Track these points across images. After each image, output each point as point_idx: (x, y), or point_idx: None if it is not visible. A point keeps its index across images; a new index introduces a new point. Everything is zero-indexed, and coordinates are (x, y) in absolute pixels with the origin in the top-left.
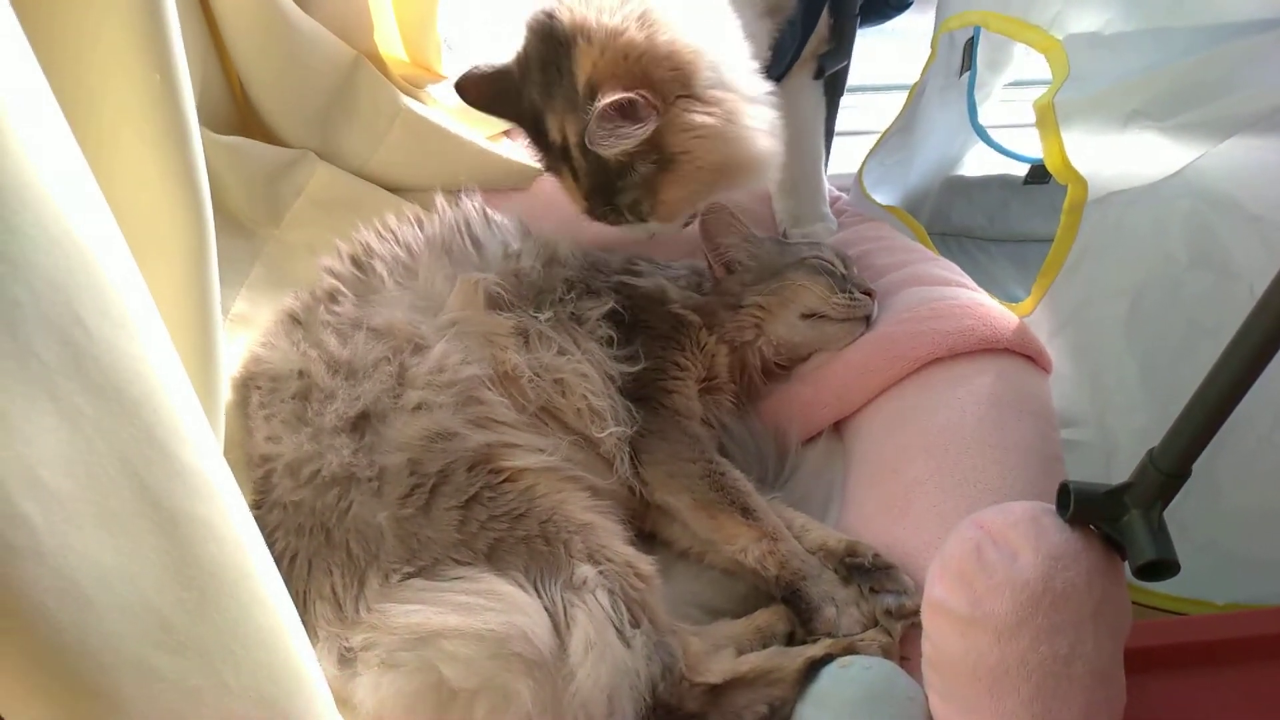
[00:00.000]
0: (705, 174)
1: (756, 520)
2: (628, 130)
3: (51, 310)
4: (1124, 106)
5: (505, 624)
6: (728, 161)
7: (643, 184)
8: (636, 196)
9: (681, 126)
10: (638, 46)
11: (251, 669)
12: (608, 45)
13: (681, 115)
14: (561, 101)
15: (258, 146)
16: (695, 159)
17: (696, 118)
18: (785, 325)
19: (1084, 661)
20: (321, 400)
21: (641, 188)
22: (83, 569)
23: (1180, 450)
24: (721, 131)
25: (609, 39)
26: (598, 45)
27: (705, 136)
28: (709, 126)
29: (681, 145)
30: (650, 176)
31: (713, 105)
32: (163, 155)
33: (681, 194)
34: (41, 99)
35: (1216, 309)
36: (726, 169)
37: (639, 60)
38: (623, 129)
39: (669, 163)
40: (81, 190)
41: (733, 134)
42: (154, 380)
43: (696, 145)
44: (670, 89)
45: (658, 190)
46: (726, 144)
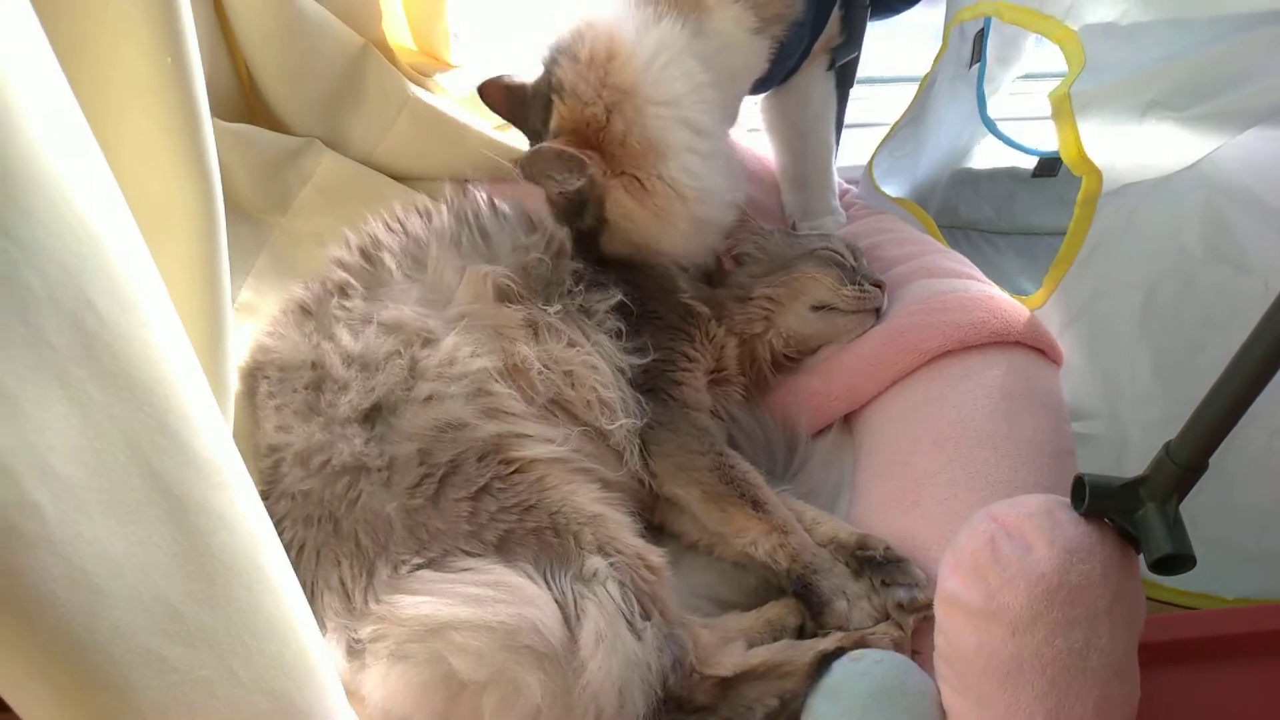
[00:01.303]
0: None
1: (767, 513)
2: (563, 177)
3: (63, 295)
4: (1142, 97)
5: (515, 616)
6: (648, 243)
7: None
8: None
9: (614, 200)
10: (597, 123)
11: (262, 660)
12: (575, 110)
13: (616, 191)
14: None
15: (264, 134)
16: (620, 230)
17: (626, 199)
18: (795, 317)
19: (1099, 655)
20: (335, 391)
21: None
22: (93, 558)
23: (1197, 444)
24: (643, 220)
25: (578, 105)
26: (568, 105)
27: (628, 220)
28: (633, 212)
29: (611, 215)
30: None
31: (647, 197)
32: (174, 139)
33: (619, 250)
34: (54, 82)
35: (1230, 303)
36: (648, 248)
37: (599, 131)
38: (558, 174)
39: (603, 222)
40: (93, 174)
41: (654, 229)
42: (165, 367)
43: (620, 222)
44: (620, 163)
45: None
46: (644, 230)
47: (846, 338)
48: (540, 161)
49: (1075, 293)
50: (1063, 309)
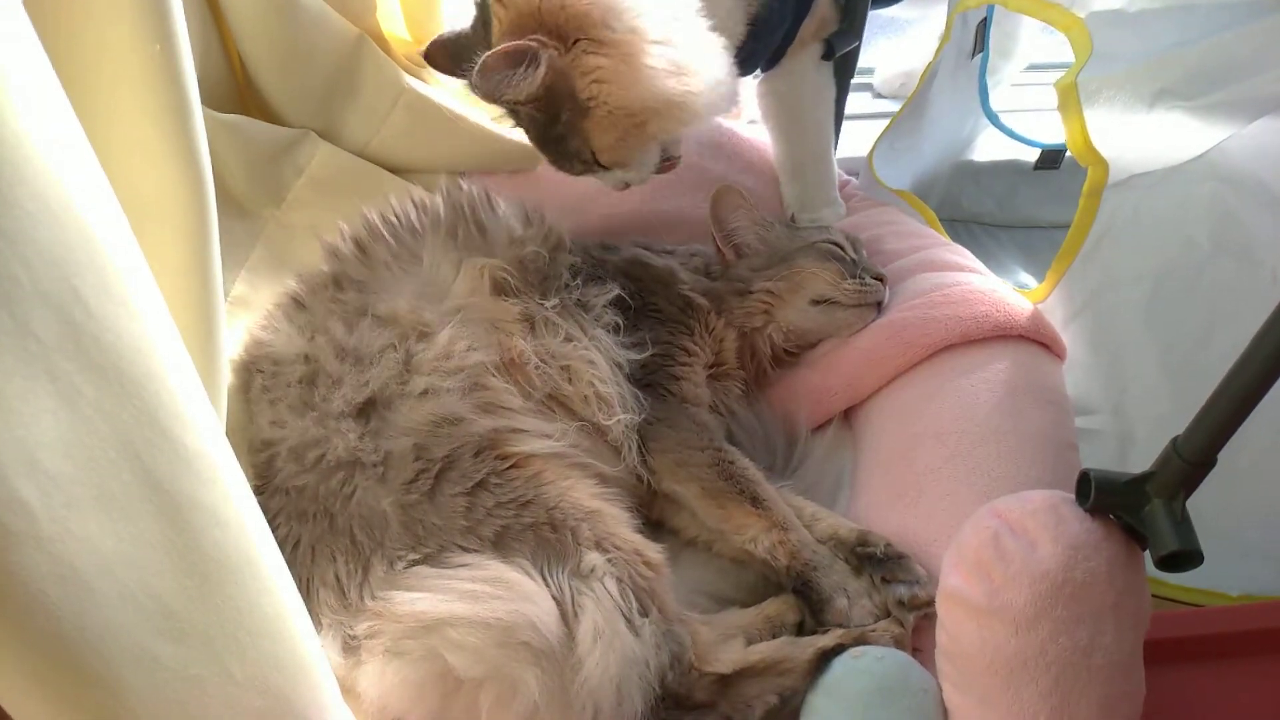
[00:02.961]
0: (620, 118)
1: (766, 510)
2: (521, 77)
3: (50, 287)
4: (1150, 86)
5: (512, 612)
6: (635, 104)
7: (573, 131)
8: (575, 145)
9: (581, 70)
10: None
11: (256, 657)
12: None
13: (580, 58)
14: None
15: (258, 126)
16: (603, 103)
17: (591, 60)
18: (795, 311)
19: (1104, 653)
20: (329, 385)
21: (574, 135)
22: (83, 555)
23: (1205, 439)
24: (617, 73)
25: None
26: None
27: (603, 80)
28: (604, 69)
29: (587, 91)
30: (575, 122)
31: (609, 47)
32: (163, 129)
33: (609, 139)
34: (41, 73)
35: (1238, 295)
36: (639, 112)
37: (536, 12)
38: (514, 76)
39: (584, 110)
40: (81, 164)
41: (629, 77)
42: (155, 360)
43: (598, 90)
44: (567, 32)
45: (589, 136)
46: (625, 87)
47: (847, 332)
48: (491, 72)
49: (1080, 286)
50: (1066, 302)
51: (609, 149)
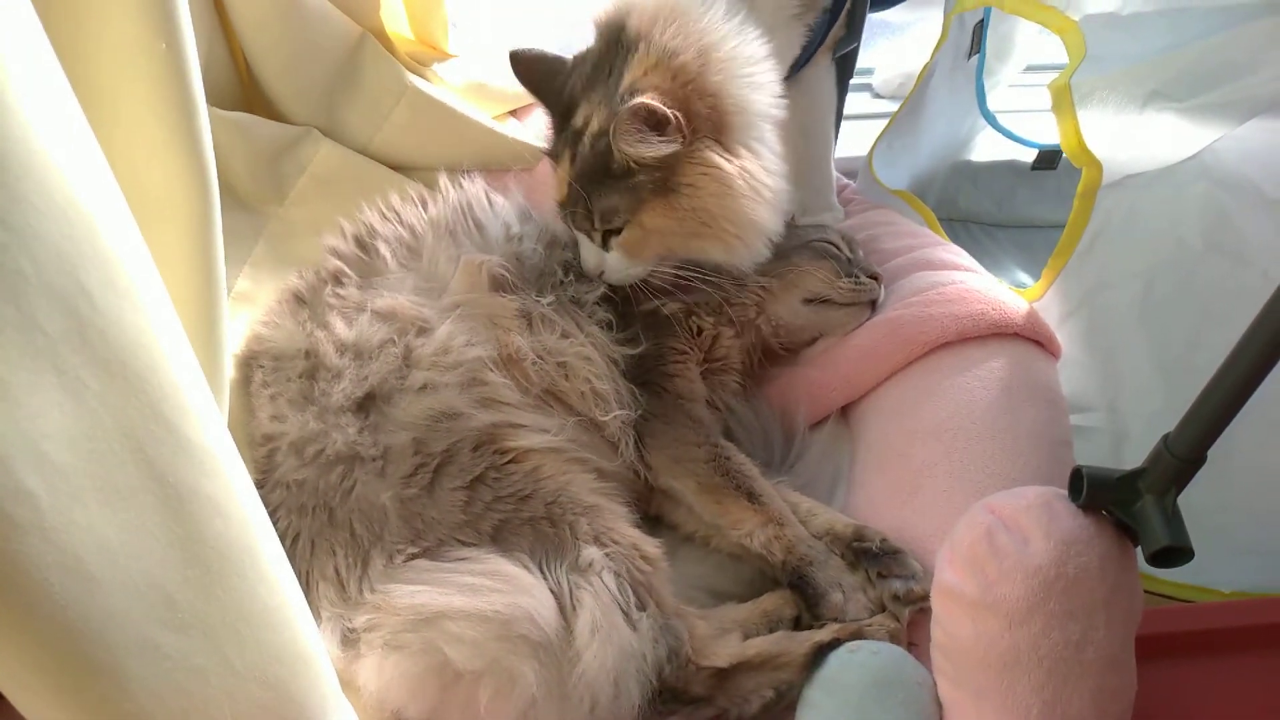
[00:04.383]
0: (695, 218)
1: (762, 505)
2: (646, 136)
3: (56, 281)
4: (1143, 87)
5: (510, 606)
6: (724, 215)
7: (631, 196)
8: (617, 205)
9: (699, 160)
10: (689, 73)
11: (257, 648)
12: (662, 61)
13: (703, 151)
14: (599, 94)
15: (261, 123)
16: (695, 197)
17: (714, 157)
18: (787, 309)
19: (1096, 648)
20: (329, 380)
21: (628, 198)
22: (87, 545)
23: (1196, 436)
24: (732, 182)
25: (666, 56)
26: (654, 57)
27: (716, 180)
28: (724, 172)
29: (690, 178)
30: (643, 191)
31: (733, 157)
32: (169, 126)
33: (660, 225)
34: (47, 67)
35: (1230, 294)
36: (717, 224)
37: (685, 86)
38: (643, 133)
39: (669, 190)
40: (86, 159)
41: (741, 189)
42: (159, 354)
43: (704, 184)
44: (703, 126)
45: (641, 210)
46: (731, 196)
47: (842, 331)
48: (636, 117)
49: (1074, 285)
50: (1062, 301)
51: (649, 230)
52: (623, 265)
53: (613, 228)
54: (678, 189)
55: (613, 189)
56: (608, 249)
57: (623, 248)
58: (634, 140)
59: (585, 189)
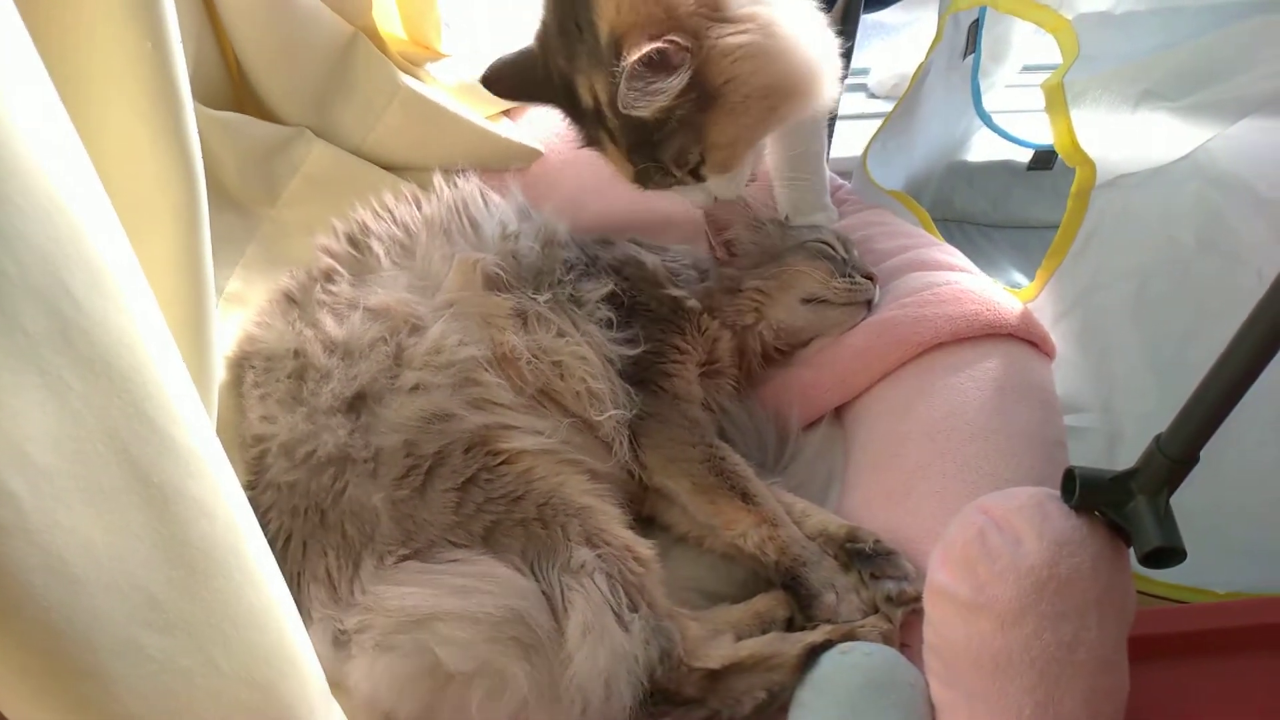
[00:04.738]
0: (755, 101)
1: (756, 505)
2: (660, 84)
3: (39, 281)
4: (1135, 86)
5: (502, 607)
6: (777, 80)
7: (686, 128)
8: (682, 144)
9: (719, 53)
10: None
11: (243, 650)
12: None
13: (715, 44)
14: (586, 59)
15: (253, 123)
16: (741, 85)
17: (732, 40)
18: (785, 310)
19: (1088, 649)
20: (317, 380)
21: (686, 133)
22: (71, 547)
23: (1188, 436)
24: (762, 47)
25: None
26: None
27: (746, 57)
28: (747, 45)
29: (723, 74)
30: (692, 118)
31: (746, 22)
32: (155, 126)
33: (733, 130)
34: (30, 67)
35: (1224, 294)
36: (777, 90)
37: (660, 9)
38: (655, 84)
39: (713, 97)
40: (71, 160)
41: (775, 47)
42: (144, 354)
43: (738, 69)
44: (700, 22)
45: (705, 131)
46: (770, 60)
47: (838, 330)
48: (637, 80)
49: (1068, 285)
50: (1056, 302)
51: (726, 144)
52: (727, 181)
53: (694, 164)
54: (721, 92)
55: (666, 136)
56: (704, 180)
57: (715, 170)
58: (646, 99)
59: (645, 155)
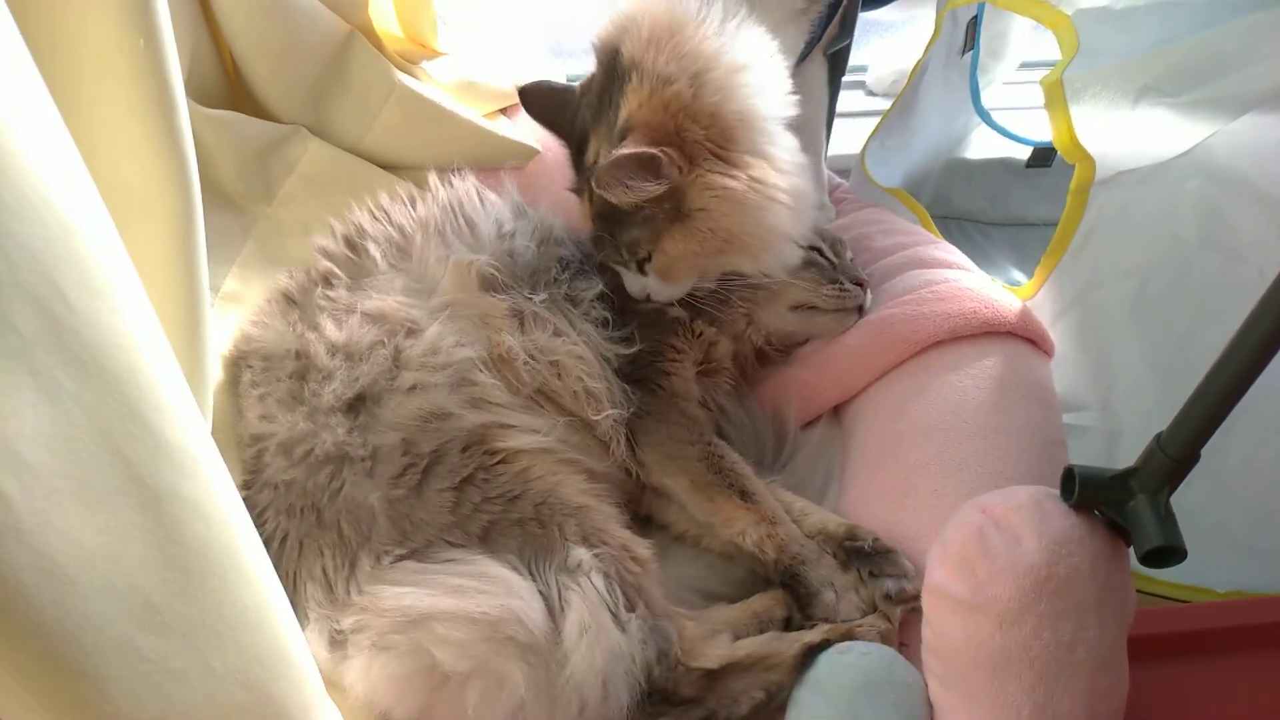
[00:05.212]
0: (713, 238)
1: (755, 503)
2: (639, 185)
3: (30, 281)
4: (1135, 82)
5: (498, 607)
6: (740, 233)
7: (648, 225)
8: (638, 237)
9: (704, 185)
10: (680, 101)
11: (237, 651)
12: (655, 91)
13: (706, 175)
14: (604, 129)
15: (249, 122)
16: (710, 219)
17: (720, 179)
18: (775, 316)
19: (1087, 648)
20: (319, 380)
21: (646, 229)
22: (63, 547)
23: (1189, 435)
24: (744, 198)
25: (659, 85)
26: (647, 88)
27: (725, 199)
28: (731, 190)
29: (700, 202)
30: (657, 221)
31: (740, 170)
32: (147, 124)
33: (683, 251)
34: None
35: (1224, 291)
36: (735, 240)
37: (677, 115)
38: (634, 182)
39: (683, 216)
40: (62, 159)
41: (753, 201)
42: (137, 354)
43: (715, 205)
44: (700, 151)
45: (661, 239)
46: (744, 213)
47: (829, 335)
48: (618, 171)
49: (1068, 283)
50: (1055, 299)
51: (674, 257)
52: (664, 288)
53: (641, 258)
54: (691, 214)
55: (630, 223)
56: (645, 275)
57: (656, 274)
58: (619, 189)
59: (606, 226)
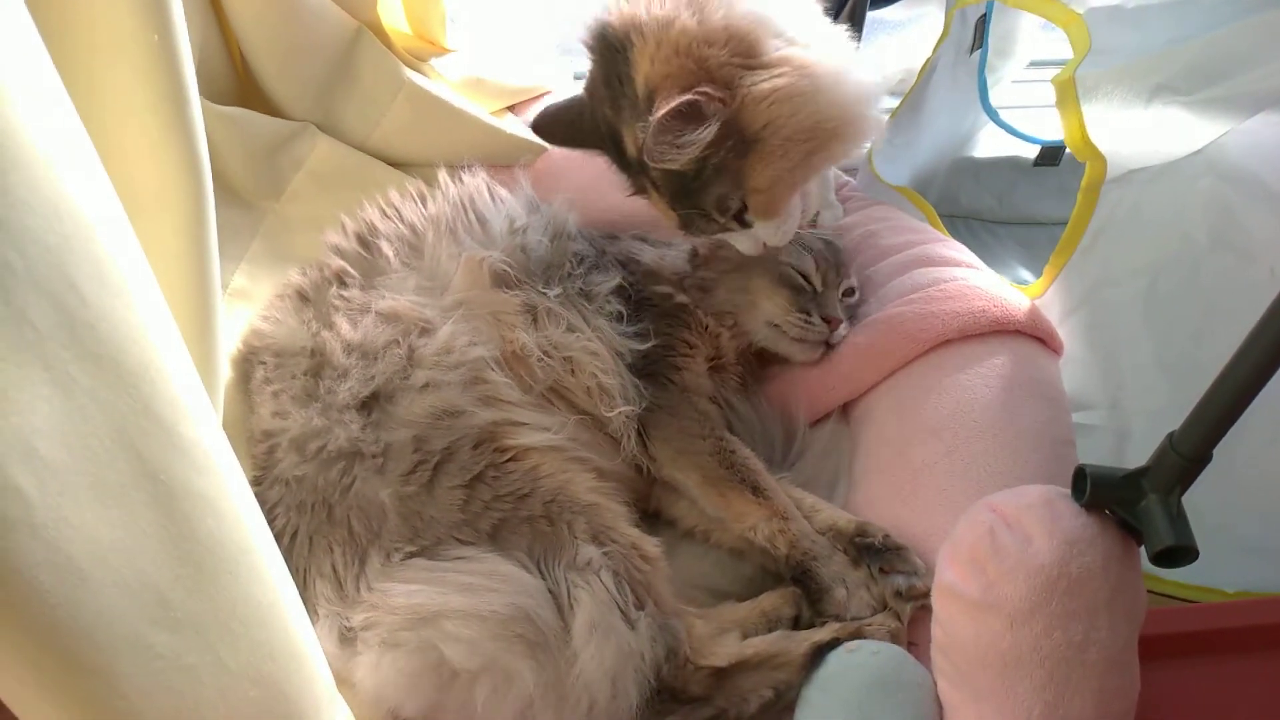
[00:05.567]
0: (796, 144)
1: (767, 499)
2: (690, 136)
3: (45, 275)
4: (1148, 81)
5: (508, 605)
6: (816, 121)
7: (724, 174)
8: (722, 191)
9: (754, 99)
10: (690, 33)
11: (250, 647)
12: (662, 39)
13: (749, 90)
14: (629, 112)
15: (258, 118)
16: (779, 129)
17: (767, 84)
18: (753, 325)
19: (1098, 648)
20: (335, 378)
21: (724, 179)
22: (78, 543)
23: (1201, 434)
24: (799, 89)
25: (661, 32)
26: (652, 40)
27: (782, 99)
28: (784, 88)
29: (760, 119)
30: (730, 164)
31: (781, 66)
32: (161, 119)
33: (773, 174)
34: (36, 59)
35: (1235, 291)
36: (818, 131)
37: (693, 48)
38: (684, 137)
39: (751, 143)
40: (77, 153)
41: (811, 88)
42: (151, 349)
43: (775, 112)
44: (733, 72)
45: (745, 177)
46: (808, 101)
47: (795, 360)
48: (665, 134)
49: (1077, 282)
50: (1064, 298)
51: (766, 189)
52: (774, 227)
53: (737, 210)
54: (759, 137)
55: (705, 184)
56: (750, 226)
57: (759, 215)
58: (674, 152)
59: (686, 203)
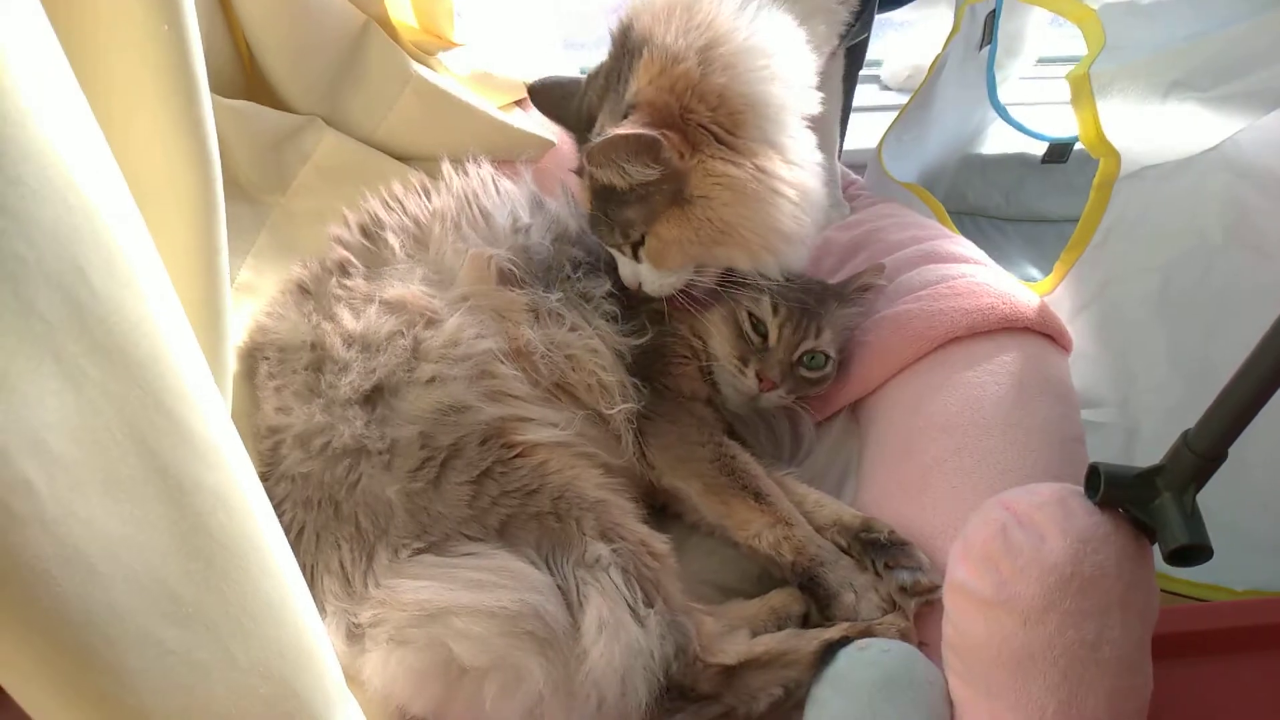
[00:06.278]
0: (711, 227)
1: (769, 505)
2: (634, 166)
3: (55, 267)
4: (1164, 77)
5: (517, 601)
6: (741, 222)
7: (643, 206)
8: (633, 217)
9: (706, 171)
10: (688, 80)
11: (260, 643)
12: (665, 68)
13: (709, 161)
14: (611, 105)
15: (264, 112)
16: (709, 207)
17: (722, 165)
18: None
19: (1112, 647)
20: (336, 372)
21: (641, 210)
22: (88, 537)
23: (1217, 432)
24: (746, 189)
25: (668, 62)
26: (657, 64)
27: (727, 188)
28: (734, 178)
29: (701, 189)
30: (654, 202)
31: (746, 158)
32: (171, 110)
33: (677, 236)
34: (47, 50)
35: (1249, 289)
36: (734, 232)
37: (684, 95)
38: (631, 164)
39: (682, 200)
40: (87, 144)
41: (756, 193)
42: (161, 343)
43: (715, 193)
44: (705, 135)
45: (657, 221)
46: (746, 203)
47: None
48: (610, 150)
49: (1088, 278)
50: (1074, 295)
51: (666, 242)
52: (655, 276)
53: (635, 240)
54: (691, 200)
55: (625, 204)
56: (639, 261)
57: (649, 258)
58: (612, 171)
59: (602, 204)
